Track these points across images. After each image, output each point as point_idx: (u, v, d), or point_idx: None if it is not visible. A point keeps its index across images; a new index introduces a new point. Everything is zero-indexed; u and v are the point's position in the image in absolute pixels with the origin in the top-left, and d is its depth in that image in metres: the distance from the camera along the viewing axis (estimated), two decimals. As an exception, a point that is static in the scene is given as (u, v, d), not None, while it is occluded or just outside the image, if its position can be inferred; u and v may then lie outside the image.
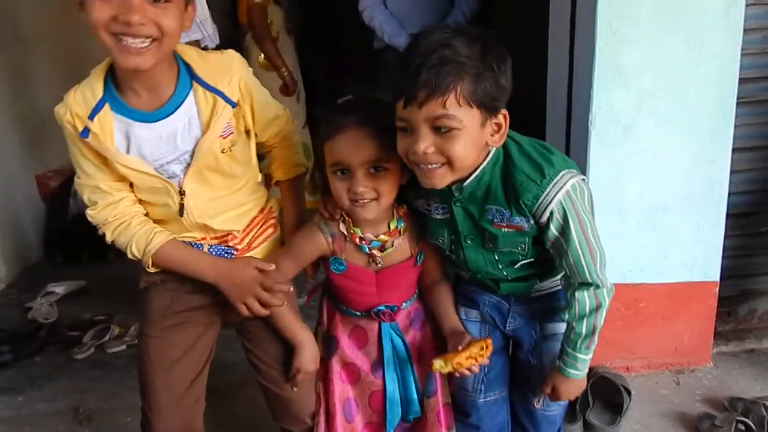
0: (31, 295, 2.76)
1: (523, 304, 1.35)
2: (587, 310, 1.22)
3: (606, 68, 1.82)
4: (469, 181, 1.18)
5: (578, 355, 1.26)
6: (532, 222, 1.19)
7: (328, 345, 1.38)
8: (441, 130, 1.09)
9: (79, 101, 1.18)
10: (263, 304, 1.30)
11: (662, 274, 2.02)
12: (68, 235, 3.18)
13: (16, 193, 3.13)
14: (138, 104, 1.19)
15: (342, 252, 1.30)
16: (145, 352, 1.32)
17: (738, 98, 1.90)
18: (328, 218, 1.29)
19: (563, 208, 1.15)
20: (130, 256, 1.27)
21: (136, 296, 1.35)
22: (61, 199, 3.30)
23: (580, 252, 1.18)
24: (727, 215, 2.01)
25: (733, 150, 1.95)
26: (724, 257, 2.05)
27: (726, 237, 2.03)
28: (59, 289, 2.79)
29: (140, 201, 1.27)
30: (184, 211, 1.25)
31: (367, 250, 1.28)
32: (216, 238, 1.31)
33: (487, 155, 1.17)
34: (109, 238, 1.27)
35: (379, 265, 1.30)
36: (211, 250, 1.31)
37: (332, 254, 1.30)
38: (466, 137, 1.10)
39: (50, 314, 2.63)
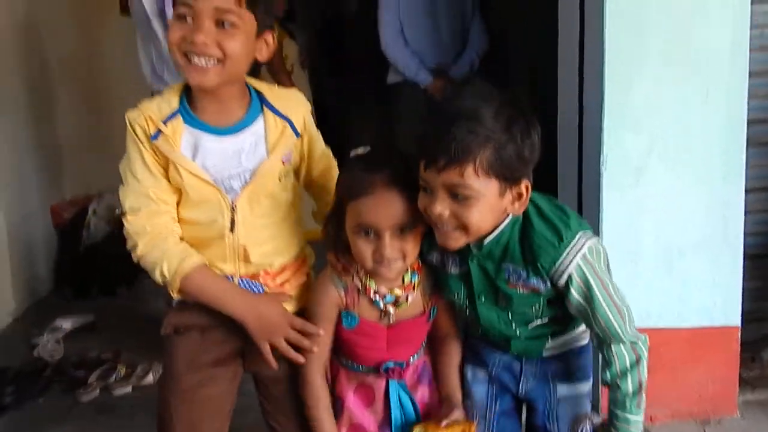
0: (39, 330, 2.73)
1: (537, 364, 1.31)
2: (628, 365, 1.19)
3: (616, 112, 1.85)
4: (488, 240, 1.18)
5: (630, 416, 1.20)
6: (548, 285, 1.17)
7: (333, 408, 1.30)
8: (458, 197, 1.10)
9: (153, 109, 1.22)
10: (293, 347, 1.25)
11: (682, 319, 1.98)
12: (79, 267, 3.17)
13: (31, 224, 3.14)
14: (209, 120, 1.23)
15: (355, 306, 1.26)
16: (169, 413, 1.29)
17: (748, 140, 1.91)
18: (340, 272, 1.26)
19: (583, 272, 1.15)
20: (157, 276, 1.21)
21: (144, 332, 1.33)
22: (74, 230, 3.30)
23: (609, 313, 1.16)
24: (745, 257, 1.98)
25: (747, 191, 1.95)
26: (744, 300, 2.01)
27: (745, 279, 2.00)
28: (66, 324, 2.77)
29: (181, 221, 1.25)
30: (234, 227, 1.23)
31: (381, 305, 1.25)
32: (247, 275, 1.28)
33: (507, 216, 1.17)
34: (140, 252, 1.21)
35: (392, 321, 1.27)
36: (240, 283, 1.27)
37: (345, 308, 1.26)
38: (482, 206, 1.11)
39: (56, 351, 2.60)
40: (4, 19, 3.03)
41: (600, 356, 1.23)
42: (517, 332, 1.26)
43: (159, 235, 1.22)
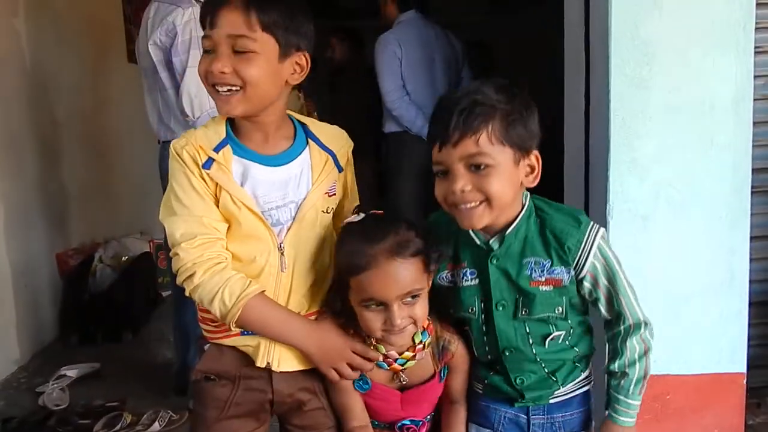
0: (44, 378, 2.73)
1: (544, 413, 1.31)
2: (637, 356, 1.26)
3: (621, 161, 1.87)
4: (509, 231, 1.20)
5: (631, 401, 1.27)
6: (572, 273, 1.20)
7: None
8: (476, 168, 1.13)
9: (201, 137, 1.21)
10: (354, 369, 1.24)
11: (688, 365, 1.98)
12: (85, 314, 3.18)
13: (36, 272, 3.16)
14: (256, 149, 1.23)
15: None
16: None
17: (753, 188, 1.94)
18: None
19: (605, 251, 1.21)
20: (216, 305, 1.17)
21: (150, 380, 1.33)
22: (79, 278, 3.32)
23: (628, 292, 1.23)
24: (751, 304, 1.99)
25: (752, 238, 1.96)
26: (749, 346, 2.02)
27: (750, 326, 2.01)
28: (72, 372, 2.76)
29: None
30: (285, 267, 1.21)
31: (387, 367, 1.25)
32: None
33: (523, 207, 1.21)
34: (197, 280, 1.17)
35: (404, 382, 1.27)
36: None
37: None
38: (501, 174, 1.14)
39: (61, 400, 2.59)
40: (12, 64, 3.07)
41: (609, 348, 1.29)
42: (534, 351, 1.26)
43: (219, 263, 1.18)
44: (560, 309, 1.23)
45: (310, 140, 1.27)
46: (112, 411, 2.43)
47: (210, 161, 1.18)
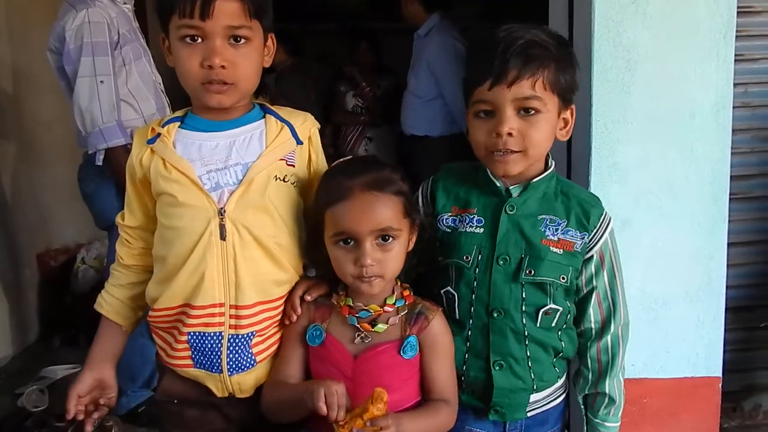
0: (25, 380, 2.70)
1: (519, 427, 1.27)
2: (621, 376, 1.27)
3: (602, 166, 1.88)
4: (536, 180, 1.18)
5: (614, 424, 1.29)
6: (585, 242, 1.18)
7: None
8: (527, 111, 1.11)
9: (160, 119, 1.24)
10: None
11: (665, 370, 2.00)
12: (67, 316, 3.15)
13: (18, 273, 3.12)
14: (210, 119, 1.21)
15: (324, 321, 1.17)
16: None
17: (731, 195, 1.96)
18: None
19: (611, 243, 1.23)
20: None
21: None
22: (61, 279, 3.28)
23: (624, 289, 1.26)
24: (727, 309, 2.01)
25: (729, 245, 1.99)
26: (725, 351, 2.04)
27: (726, 331, 2.03)
28: (53, 374, 2.74)
29: (161, 230, 1.20)
30: (225, 235, 1.13)
31: (356, 321, 1.14)
32: (238, 316, 1.16)
33: (548, 167, 1.21)
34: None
35: (366, 342, 1.14)
36: (229, 353, 1.17)
37: (311, 322, 1.17)
38: (546, 122, 1.13)
39: (41, 401, 2.56)
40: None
41: (593, 366, 1.29)
42: (523, 321, 1.19)
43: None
44: (564, 278, 1.17)
45: (267, 114, 1.24)
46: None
47: (157, 136, 1.19)
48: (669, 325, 1.98)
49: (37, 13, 3.11)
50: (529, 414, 1.26)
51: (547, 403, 1.29)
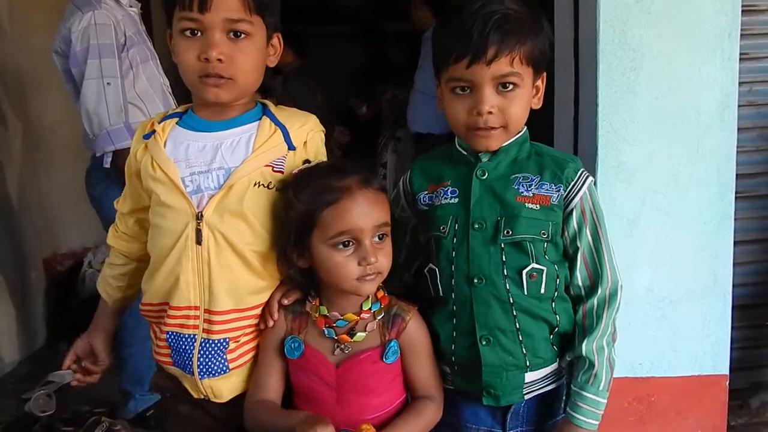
0: (32, 384, 2.70)
1: (519, 416, 1.21)
2: (605, 342, 1.16)
3: (609, 165, 1.89)
4: (504, 144, 1.16)
5: (600, 398, 1.16)
6: (561, 194, 1.14)
7: None
8: (505, 87, 1.10)
9: (159, 114, 1.24)
10: None
11: (672, 368, 2.01)
12: (74, 320, 3.15)
13: (24, 277, 3.12)
14: (207, 118, 1.20)
15: (301, 332, 1.13)
16: None
17: (736, 193, 1.96)
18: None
19: (594, 194, 1.17)
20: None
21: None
22: (68, 284, 3.28)
23: (611, 249, 1.18)
24: (733, 307, 2.02)
25: (735, 243, 1.99)
26: (732, 349, 2.05)
27: (733, 329, 2.03)
28: (60, 379, 2.74)
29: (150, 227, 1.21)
30: (201, 240, 1.11)
31: (334, 334, 1.11)
32: (211, 321, 1.14)
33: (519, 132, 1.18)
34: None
35: (346, 353, 1.11)
36: (200, 357, 1.16)
37: (288, 334, 1.14)
38: (524, 96, 1.12)
39: (47, 406, 2.55)
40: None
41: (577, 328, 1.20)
42: (506, 286, 1.14)
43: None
44: (545, 233, 1.13)
45: (265, 116, 1.20)
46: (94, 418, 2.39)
47: (152, 133, 1.19)
48: (676, 324, 1.99)
49: (40, 15, 3.12)
50: (526, 396, 1.19)
51: (547, 385, 1.21)
